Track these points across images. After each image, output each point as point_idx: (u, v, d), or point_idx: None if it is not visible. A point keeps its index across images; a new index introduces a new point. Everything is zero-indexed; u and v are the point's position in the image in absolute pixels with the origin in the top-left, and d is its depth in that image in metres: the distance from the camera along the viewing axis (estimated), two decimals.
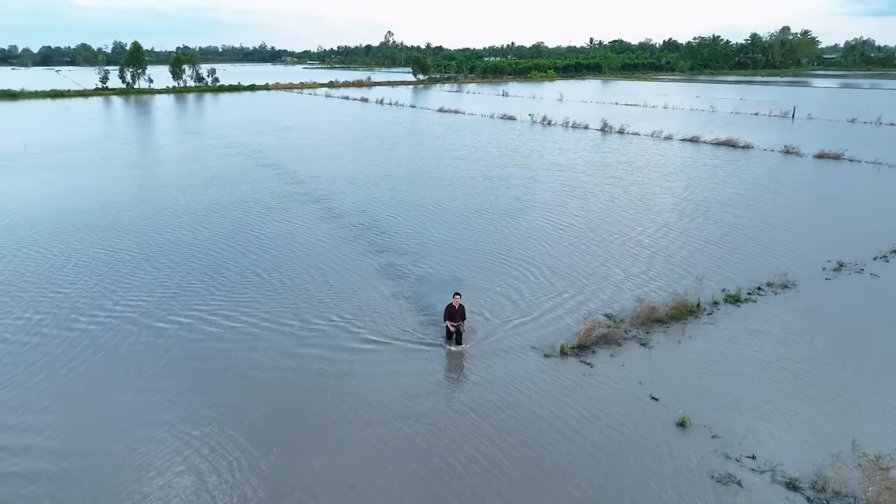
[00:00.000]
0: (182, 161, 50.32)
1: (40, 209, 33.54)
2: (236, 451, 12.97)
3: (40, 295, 21.38)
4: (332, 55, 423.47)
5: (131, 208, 33.92)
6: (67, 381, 15.77)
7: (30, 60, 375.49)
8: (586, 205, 34.55)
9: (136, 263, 24.80)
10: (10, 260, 25.18)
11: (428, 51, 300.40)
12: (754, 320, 19.20)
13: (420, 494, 11.80)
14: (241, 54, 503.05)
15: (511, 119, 76.87)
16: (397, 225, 30.58)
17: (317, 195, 37.16)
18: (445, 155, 52.03)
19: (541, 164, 47.05)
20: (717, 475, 12.13)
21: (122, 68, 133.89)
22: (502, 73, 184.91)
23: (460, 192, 37.96)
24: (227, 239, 28.25)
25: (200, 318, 19.48)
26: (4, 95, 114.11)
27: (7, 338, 18.14)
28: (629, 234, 28.76)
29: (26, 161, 48.56)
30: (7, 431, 13.72)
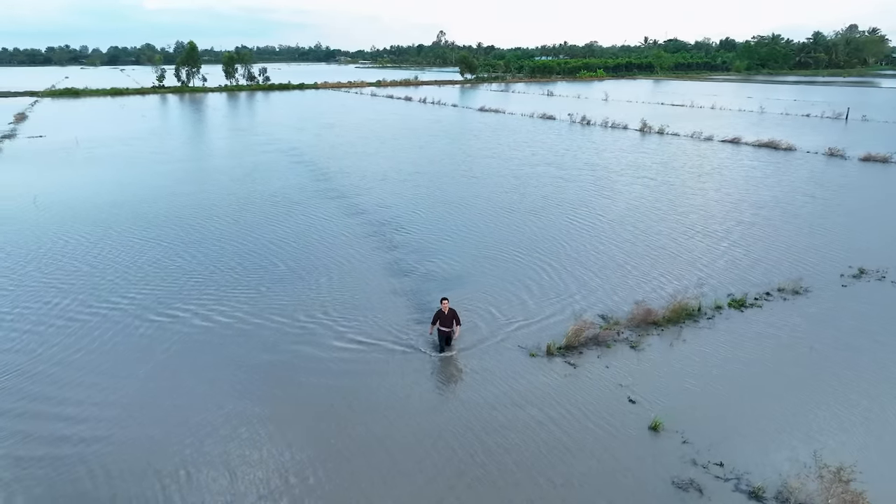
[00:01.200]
0: (222, 156, 51.95)
1: (82, 200, 35.23)
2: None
3: (86, 279, 22.53)
4: (385, 55, 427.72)
5: (167, 201, 35.22)
6: (105, 359, 16.60)
7: (98, 60, 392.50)
8: (612, 205, 34.13)
9: (165, 253, 25.85)
10: (51, 247, 26.64)
11: (479, 50, 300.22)
12: (755, 326, 18.63)
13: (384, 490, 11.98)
14: (296, 54, 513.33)
15: (550, 119, 76.25)
16: (419, 221, 30.87)
17: (343, 191, 37.80)
18: (479, 153, 52.16)
19: (573, 164, 46.65)
20: (678, 481, 11.89)
21: (178, 67, 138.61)
22: (551, 72, 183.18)
23: (487, 190, 38.05)
24: (252, 231, 29.16)
25: (217, 308, 20.16)
26: (68, 93, 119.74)
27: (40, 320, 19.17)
28: (651, 235, 28.26)
29: (76, 155, 50.90)
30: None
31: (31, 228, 29.60)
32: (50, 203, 34.65)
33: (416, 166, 46.35)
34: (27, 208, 33.50)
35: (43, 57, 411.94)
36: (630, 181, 40.48)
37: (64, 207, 33.55)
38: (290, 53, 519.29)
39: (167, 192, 37.73)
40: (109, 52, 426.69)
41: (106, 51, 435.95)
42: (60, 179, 41.45)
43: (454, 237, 28.18)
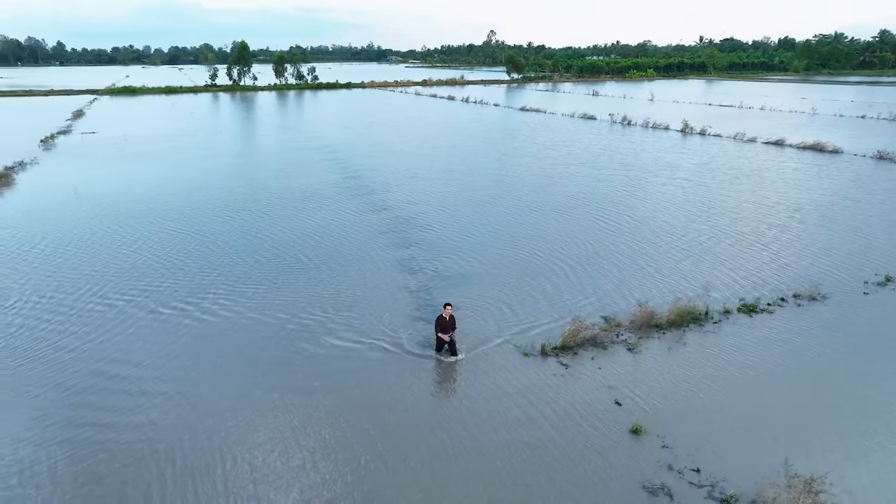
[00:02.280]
0: (261, 153, 53.28)
1: (121, 192, 36.68)
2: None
3: (113, 266, 23.52)
4: (435, 55, 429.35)
5: (202, 194, 36.39)
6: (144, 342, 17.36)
7: (159, 60, 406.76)
8: (641, 205, 33.62)
9: (197, 244, 26.87)
10: (90, 236, 27.91)
11: (529, 50, 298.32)
12: (761, 332, 18.03)
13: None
14: (349, 53, 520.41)
15: (591, 119, 75.27)
16: (443, 218, 31.09)
17: (373, 188, 38.33)
18: (513, 152, 52.08)
19: (608, 164, 46.06)
20: (649, 485, 11.64)
21: (230, 66, 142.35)
22: (599, 72, 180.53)
23: (516, 189, 38.03)
24: (279, 224, 29.93)
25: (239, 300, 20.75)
26: (126, 92, 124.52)
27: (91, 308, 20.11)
28: (676, 237, 27.69)
29: (122, 150, 52.90)
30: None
31: (70, 217, 31.02)
32: (91, 194, 36.19)
33: (448, 164, 46.54)
34: (68, 199, 35.02)
35: (108, 57, 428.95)
36: (664, 182, 39.73)
37: (103, 198, 34.99)
38: (343, 53, 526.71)
39: (203, 185, 38.90)
40: (170, 52, 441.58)
41: (167, 50, 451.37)
42: (104, 172, 43.16)
43: (475, 235, 28.21)
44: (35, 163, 46.39)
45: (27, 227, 29.28)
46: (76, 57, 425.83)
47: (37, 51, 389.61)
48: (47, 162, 47.17)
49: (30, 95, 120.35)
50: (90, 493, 11.65)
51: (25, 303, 20.44)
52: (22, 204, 34.18)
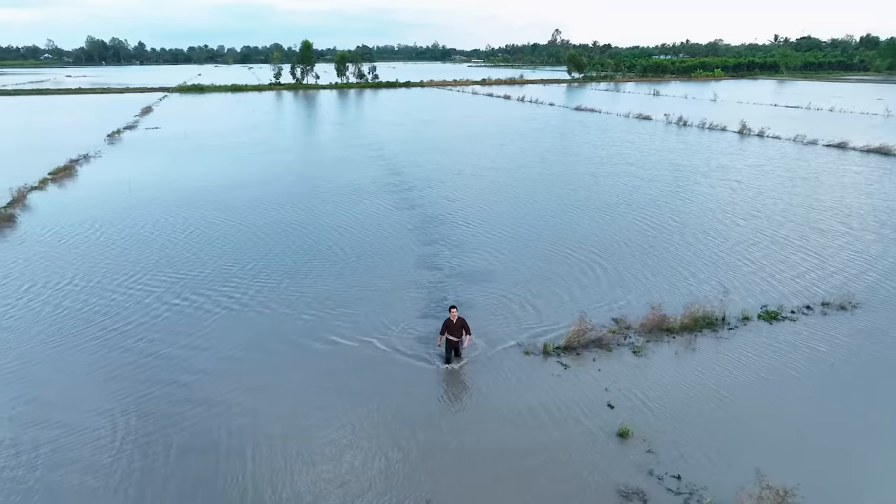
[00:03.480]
0: (312, 149, 54.65)
1: (174, 185, 38.41)
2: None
3: (156, 255, 24.77)
4: (498, 54, 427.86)
5: (251, 188, 37.69)
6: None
7: (231, 59, 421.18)
8: (688, 207, 32.82)
9: (238, 234, 27.99)
10: (142, 226, 29.26)
11: (594, 49, 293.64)
12: (778, 340, 17.28)
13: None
14: (413, 53, 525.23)
15: (646, 119, 73.56)
16: (481, 215, 31.23)
17: (415, 184, 38.85)
18: (561, 151, 51.69)
19: (657, 164, 45.07)
20: (624, 489, 11.39)
21: (294, 65, 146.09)
22: (664, 71, 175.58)
23: (558, 188, 37.81)
24: (318, 218, 30.79)
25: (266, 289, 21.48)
26: (195, 89, 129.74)
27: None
28: (717, 239, 26.88)
29: (181, 145, 55.19)
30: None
31: (122, 207, 32.73)
32: (145, 186, 37.96)
33: (493, 162, 46.61)
34: (123, 190, 36.83)
35: (185, 56, 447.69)
36: (713, 184, 38.59)
37: (156, 191, 36.67)
38: (408, 53, 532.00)
39: (252, 179, 40.26)
40: (242, 52, 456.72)
41: (239, 50, 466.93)
42: (160, 166, 45.17)
43: (508, 233, 28.20)
44: (98, 156, 48.95)
45: (84, 215, 30.98)
46: (155, 56, 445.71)
47: (119, 51, 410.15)
48: (109, 155, 49.69)
49: (107, 92, 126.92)
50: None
51: (76, 285, 21.71)
52: (81, 194, 36.19)
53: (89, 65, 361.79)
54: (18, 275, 22.75)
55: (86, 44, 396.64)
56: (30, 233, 28.06)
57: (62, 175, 40.47)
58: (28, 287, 21.52)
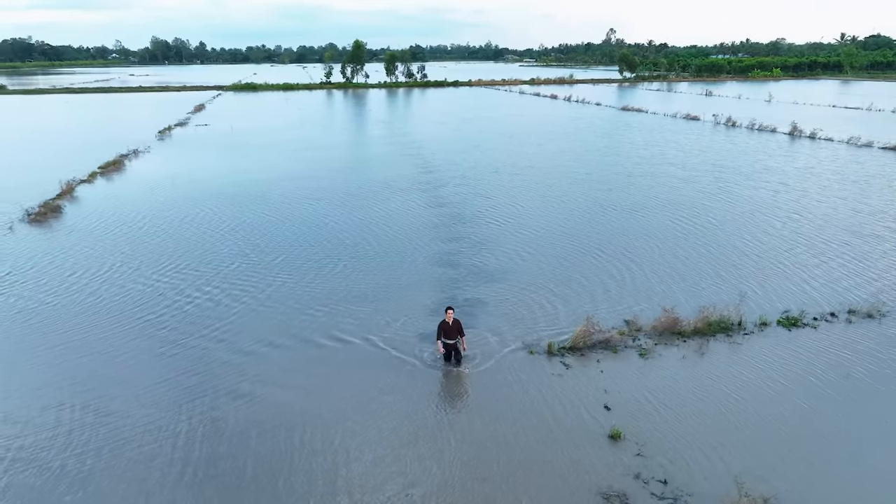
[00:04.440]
0: (353, 146, 55.37)
1: (216, 180, 39.59)
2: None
3: (188, 246, 25.71)
4: (551, 53, 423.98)
5: (289, 183, 38.59)
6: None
7: (287, 58, 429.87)
8: (727, 208, 32.01)
9: (270, 227, 28.85)
10: (181, 219, 30.32)
11: (649, 48, 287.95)
12: (793, 348, 16.65)
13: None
14: (466, 52, 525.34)
15: (694, 119, 71.75)
16: (513, 213, 31.23)
17: (447, 181, 39.03)
18: (601, 151, 51.09)
19: (699, 165, 44.02)
20: (607, 492, 11.20)
21: (344, 65, 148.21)
22: (720, 71, 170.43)
23: (593, 187, 37.47)
24: (348, 214, 31.33)
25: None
26: (248, 88, 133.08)
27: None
28: (752, 243, 26.07)
29: (226, 141, 56.79)
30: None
31: (164, 200, 33.97)
32: (187, 180, 39.30)
33: (531, 161, 46.40)
34: (166, 184, 38.18)
35: (243, 56, 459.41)
36: (756, 186, 37.46)
37: (197, 185, 37.94)
38: (461, 52, 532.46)
39: (292, 175, 41.21)
40: (298, 51, 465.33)
41: (296, 49, 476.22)
42: (204, 161, 46.57)
43: (538, 231, 28.11)
44: (147, 151, 50.81)
45: (127, 208, 32.26)
46: (215, 56, 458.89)
47: (182, 50, 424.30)
48: (158, 150, 51.53)
49: (166, 91, 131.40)
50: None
51: (115, 272, 22.72)
52: (126, 187, 37.70)
53: (153, 64, 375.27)
54: (61, 262, 23.88)
55: (150, 44, 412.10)
56: (74, 223, 29.39)
57: (111, 169, 42.21)
58: (69, 275, 22.56)
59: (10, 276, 22.48)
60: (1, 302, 20.12)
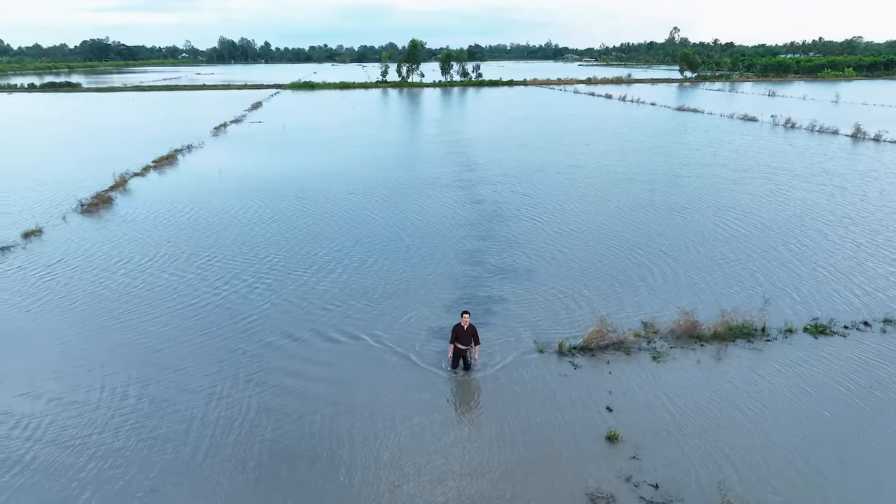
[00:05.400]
0: (400, 144, 55.96)
1: (263, 174, 40.76)
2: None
3: (223, 238, 26.65)
4: (612, 52, 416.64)
5: (333, 178, 39.57)
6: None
7: (348, 58, 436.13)
8: (777, 211, 30.98)
9: (318, 223, 29.45)
10: (226, 212, 31.33)
11: (714, 48, 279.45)
12: (816, 357, 15.94)
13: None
14: (525, 52, 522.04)
15: (751, 120, 69.32)
16: (552, 211, 31.16)
17: (490, 179, 39.19)
18: (650, 151, 50.19)
19: (753, 167, 42.65)
20: (595, 494, 11.03)
21: (400, 64, 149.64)
22: (787, 71, 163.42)
23: (638, 187, 36.98)
24: (385, 208, 31.91)
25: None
26: (305, 86, 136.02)
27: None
28: (799, 247, 25.18)
29: (277, 138, 58.23)
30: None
31: (211, 193, 35.27)
32: (236, 174, 40.60)
33: (577, 160, 45.95)
34: (213, 178, 39.47)
35: (305, 55, 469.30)
36: (811, 189, 36.04)
37: (245, 179, 39.16)
38: (520, 52, 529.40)
39: (337, 169, 42.18)
40: (359, 51, 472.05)
41: (357, 49, 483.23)
42: (254, 157, 48.00)
43: (576, 230, 27.97)
44: (200, 146, 52.65)
45: (175, 200, 33.57)
46: (278, 55, 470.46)
47: (247, 50, 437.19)
48: (210, 146, 53.33)
49: (227, 89, 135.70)
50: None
51: (157, 261, 23.77)
52: (176, 180, 39.26)
53: (220, 63, 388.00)
54: (108, 251, 25.10)
55: (218, 44, 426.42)
56: (123, 213, 30.79)
57: (164, 163, 43.96)
58: (114, 262, 23.72)
59: (62, 262, 23.69)
60: (51, 287, 21.23)
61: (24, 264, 23.37)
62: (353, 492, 11.30)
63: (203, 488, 11.40)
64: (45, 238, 26.68)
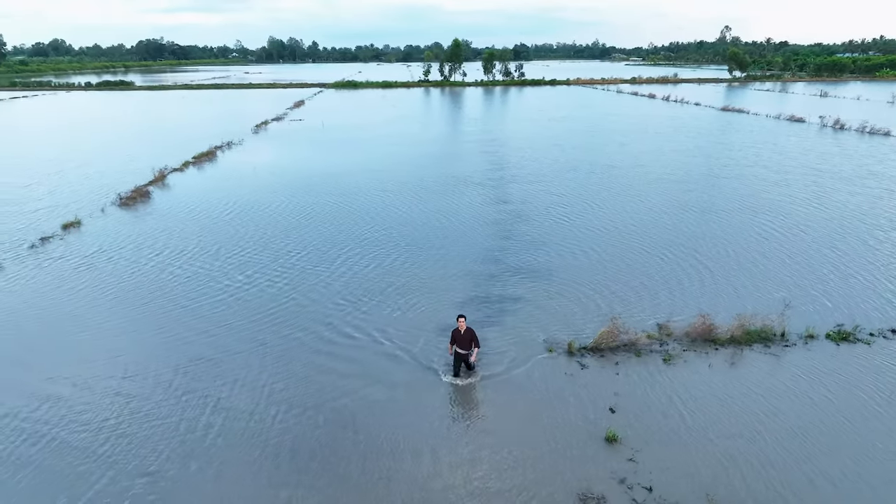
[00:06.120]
0: (435, 142, 55.97)
1: (300, 171, 41.37)
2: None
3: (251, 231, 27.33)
4: (660, 52, 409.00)
5: (367, 175, 39.91)
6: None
7: (393, 57, 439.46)
8: (817, 214, 30.10)
9: (348, 218, 29.76)
10: (258, 207, 32.03)
11: (767, 47, 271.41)
12: (835, 365, 15.39)
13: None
14: (572, 51, 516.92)
15: (798, 121, 67.14)
16: (582, 211, 30.97)
17: (522, 178, 39.06)
18: (690, 150, 49.20)
19: (795, 168, 41.42)
20: (585, 495, 10.92)
21: (442, 63, 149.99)
22: (841, 70, 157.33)
23: (673, 187, 36.34)
24: (414, 206, 32.23)
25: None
26: (349, 85, 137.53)
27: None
28: (838, 252, 24.38)
29: (315, 135, 59.10)
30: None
31: (247, 190, 35.95)
32: (271, 171, 41.44)
33: (613, 160, 45.39)
34: (249, 174, 40.35)
35: (352, 55, 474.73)
36: (856, 191, 34.86)
37: (280, 175, 39.89)
38: (566, 51, 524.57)
39: (370, 167, 42.57)
40: (405, 50, 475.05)
41: (403, 49, 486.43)
42: (291, 154, 48.83)
43: (605, 230, 27.71)
44: (240, 143, 53.83)
45: (210, 195, 34.47)
46: (326, 55, 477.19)
47: (295, 50, 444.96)
48: (250, 143, 54.48)
49: (273, 87, 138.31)
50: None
51: (188, 253, 24.46)
52: (213, 175, 40.27)
53: (269, 62, 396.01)
54: (141, 242, 25.97)
55: (267, 44, 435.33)
56: (159, 207, 31.77)
57: (203, 159, 45.14)
58: (148, 253, 24.55)
59: (99, 252, 24.61)
60: (86, 276, 22.09)
61: (64, 254, 24.35)
62: (352, 482, 11.46)
63: (223, 471, 11.72)
64: (83, 229, 27.74)
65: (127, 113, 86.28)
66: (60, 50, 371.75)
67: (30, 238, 26.34)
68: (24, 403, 14.03)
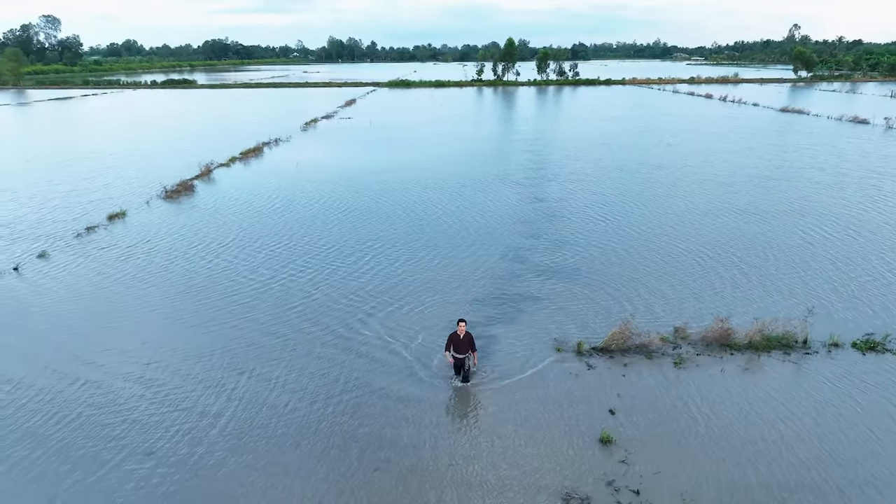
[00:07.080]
0: (480, 142, 55.82)
1: (345, 169, 42.01)
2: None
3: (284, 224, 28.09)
4: (724, 51, 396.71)
5: (408, 173, 40.28)
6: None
7: (450, 57, 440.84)
8: (870, 219, 28.84)
9: (388, 215, 30.16)
10: (300, 202, 32.80)
11: (838, 45, 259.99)
12: (857, 374, 14.68)
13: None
14: (631, 51, 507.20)
15: (862, 122, 64.10)
16: (623, 210, 30.68)
17: (566, 176, 39.05)
18: (742, 152, 47.74)
19: (853, 171, 39.71)
20: (570, 494, 10.79)
21: (495, 63, 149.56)
22: None
23: (720, 189, 35.44)
24: (453, 202, 32.58)
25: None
26: (402, 85, 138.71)
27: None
28: (884, 259, 23.32)
29: (362, 134, 59.93)
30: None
31: (290, 185, 36.86)
32: (312, 167, 42.37)
33: (661, 161, 44.59)
34: (291, 170, 41.29)
35: (410, 54, 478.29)
36: None
37: (324, 172, 40.59)
38: (626, 50, 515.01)
39: (413, 165, 43.02)
40: (462, 50, 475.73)
41: (460, 48, 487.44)
42: (338, 151, 49.71)
43: (642, 230, 27.35)
44: (287, 140, 55.09)
45: (252, 190, 35.50)
46: (384, 55, 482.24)
47: (354, 49, 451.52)
48: (297, 140, 55.69)
49: (329, 86, 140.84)
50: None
51: (228, 246, 25.32)
52: (258, 171, 41.40)
53: (328, 62, 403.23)
54: (182, 234, 27.01)
55: (327, 43, 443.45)
56: (202, 201, 32.87)
57: (249, 155, 46.43)
58: (188, 245, 25.47)
59: (141, 243, 25.69)
60: (128, 265, 23.11)
61: (107, 244, 25.50)
62: (351, 471, 11.69)
63: (227, 459, 12.15)
64: (127, 220, 28.99)
65: (187, 111, 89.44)
66: (132, 50, 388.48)
67: (78, 228, 27.67)
68: (54, 383, 14.80)
